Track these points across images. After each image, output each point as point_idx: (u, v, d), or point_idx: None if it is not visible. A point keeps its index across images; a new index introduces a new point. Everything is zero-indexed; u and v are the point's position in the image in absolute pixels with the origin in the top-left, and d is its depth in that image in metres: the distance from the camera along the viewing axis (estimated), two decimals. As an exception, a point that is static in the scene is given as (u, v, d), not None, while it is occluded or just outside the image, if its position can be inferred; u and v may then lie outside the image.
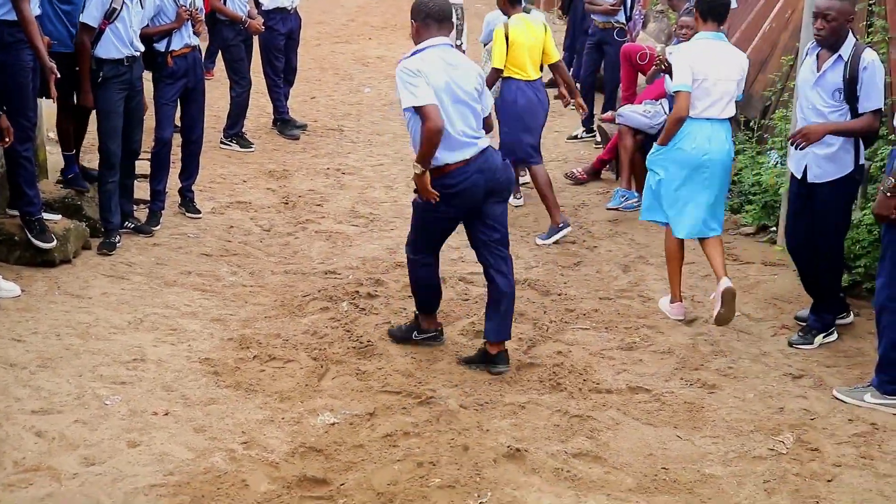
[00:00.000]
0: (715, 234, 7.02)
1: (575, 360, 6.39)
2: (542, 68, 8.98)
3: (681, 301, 7.15)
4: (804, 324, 6.82)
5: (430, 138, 5.70)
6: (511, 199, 7.89)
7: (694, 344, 6.69)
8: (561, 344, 6.64)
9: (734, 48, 7.21)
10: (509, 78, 8.76)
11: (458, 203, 6.02)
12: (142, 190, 8.68)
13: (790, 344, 6.68)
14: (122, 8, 7.73)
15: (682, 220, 7.02)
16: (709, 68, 6.84)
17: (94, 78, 7.79)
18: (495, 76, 8.72)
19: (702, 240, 7.06)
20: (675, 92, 6.92)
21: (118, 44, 7.77)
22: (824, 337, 6.70)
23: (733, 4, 10.77)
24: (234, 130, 11.12)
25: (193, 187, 9.00)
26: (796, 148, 6.38)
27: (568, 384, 6.04)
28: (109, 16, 7.69)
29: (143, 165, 8.69)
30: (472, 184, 5.95)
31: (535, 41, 8.73)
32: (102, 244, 7.91)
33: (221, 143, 11.06)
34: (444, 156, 5.87)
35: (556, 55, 9.05)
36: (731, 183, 8.30)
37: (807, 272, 6.80)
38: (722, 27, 7.11)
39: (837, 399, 5.94)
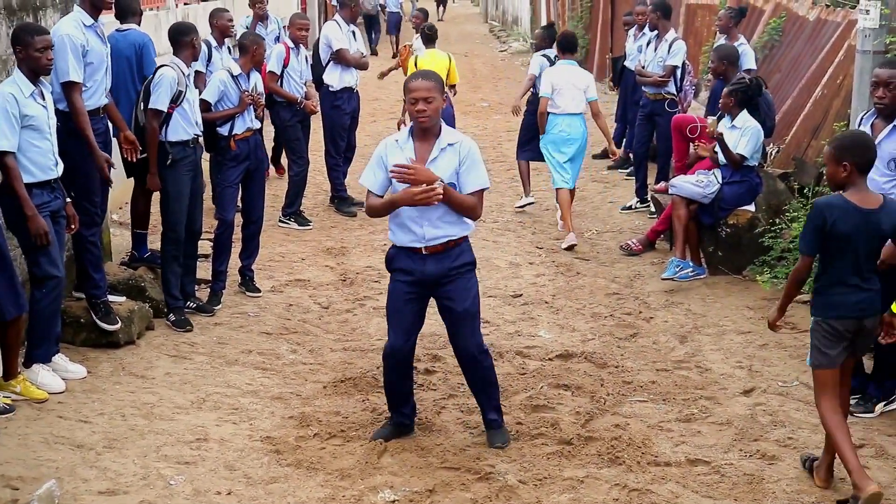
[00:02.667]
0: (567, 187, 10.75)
1: (633, 432, 6.38)
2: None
3: (571, 231, 10.46)
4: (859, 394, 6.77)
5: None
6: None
7: (752, 415, 6.66)
8: (619, 417, 6.65)
9: (581, 69, 11.08)
10: None
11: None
12: (203, 270, 8.85)
13: (850, 413, 6.62)
14: (186, 90, 8.00)
15: (566, 176, 10.75)
16: (563, 82, 10.65)
17: (163, 161, 8.01)
18: None
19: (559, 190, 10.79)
20: (541, 97, 10.72)
21: (185, 125, 8.03)
22: (885, 405, 6.65)
23: (752, 65, 10.92)
24: (292, 209, 11.32)
25: (253, 266, 9.16)
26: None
27: (626, 457, 6.04)
28: (176, 99, 7.95)
29: (203, 245, 8.88)
30: None
31: (438, 68, 11.47)
32: (177, 322, 8.11)
33: (280, 221, 11.26)
34: None
35: (456, 79, 12.75)
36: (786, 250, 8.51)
37: None
38: (574, 55, 11.15)
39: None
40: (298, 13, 12.48)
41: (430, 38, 12.72)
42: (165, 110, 7.96)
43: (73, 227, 7.05)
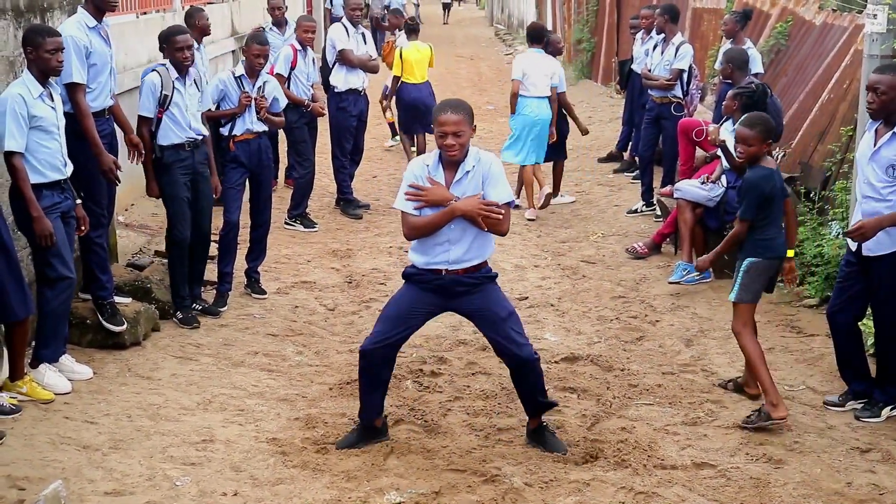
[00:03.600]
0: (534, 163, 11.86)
1: (639, 436, 6.38)
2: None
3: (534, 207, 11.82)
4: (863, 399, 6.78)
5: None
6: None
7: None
8: (625, 420, 6.65)
9: (548, 56, 11.94)
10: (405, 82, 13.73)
11: None
12: (209, 271, 8.85)
13: (856, 417, 6.63)
14: (173, 94, 7.92)
15: (530, 156, 11.78)
16: (532, 69, 11.70)
17: (158, 165, 8.01)
18: (396, 81, 13.84)
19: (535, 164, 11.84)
20: (513, 80, 11.75)
21: (176, 129, 7.97)
22: (891, 409, 6.64)
23: (759, 69, 10.94)
24: (297, 211, 11.33)
25: (259, 269, 9.17)
26: (853, 240, 6.52)
27: (633, 461, 6.04)
28: (163, 103, 7.92)
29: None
30: None
31: (422, 57, 13.74)
32: (184, 320, 8.14)
33: (286, 223, 11.27)
34: None
35: (433, 64, 14.21)
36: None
37: (840, 343, 6.79)
38: (540, 45, 11.94)
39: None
40: (304, 15, 12.46)
41: (412, 29, 14.25)
42: (152, 116, 7.94)
43: (83, 228, 7.06)
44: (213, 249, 8.92)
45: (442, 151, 5.85)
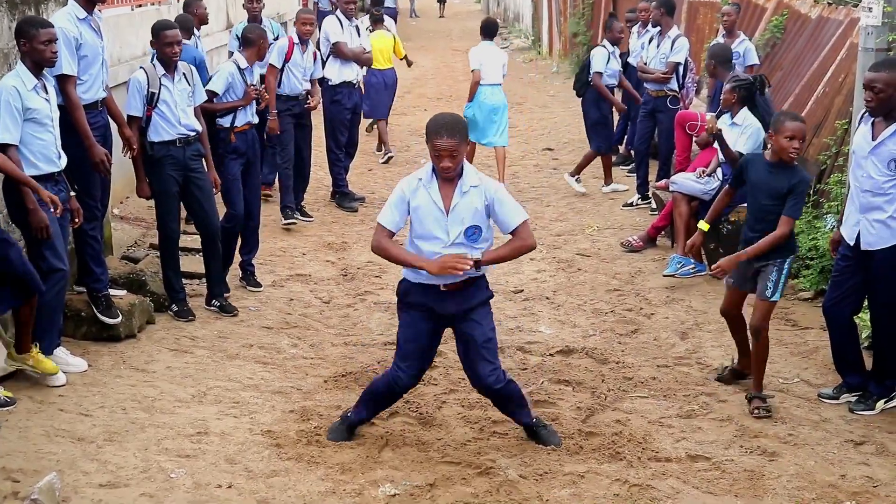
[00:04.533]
0: (502, 145, 12.95)
1: (634, 428, 6.39)
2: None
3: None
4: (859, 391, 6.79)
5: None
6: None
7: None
8: (619, 412, 6.65)
9: (499, 48, 13.16)
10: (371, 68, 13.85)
11: None
12: (197, 263, 8.84)
13: (851, 410, 6.64)
14: (160, 91, 7.88)
15: (488, 138, 12.79)
16: (487, 59, 12.75)
17: (148, 161, 7.99)
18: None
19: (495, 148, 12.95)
20: (473, 70, 12.70)
21: (166, 126, 7.92)
22: (885, 402, 6.66)
23: (755, 61, 10.95)
24: (287, 202, 11.13)
25: (253, 261, 9.16)
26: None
27: (627, 453, 6.04)
28: (150, 100, 7.88)
29: (196, 240, 8.87)
30: None
31: (385, 46, 14.35)
32: (179, 313, 8.16)
33: (283, 225, 11.06)
34: None
35: (402, 53, 15.13)
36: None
37: (835, 336, 6.80)
38: (492, 39, 12.96)
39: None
40: (303, 8, 12.25)
41: (377, 20, 15.05)
42: (139, 115, 7.90)
43: (76, 220, 7.05)
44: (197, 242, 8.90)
45: (437, 170, 5.76)
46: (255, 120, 8.96)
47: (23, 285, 6.37)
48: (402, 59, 15.48)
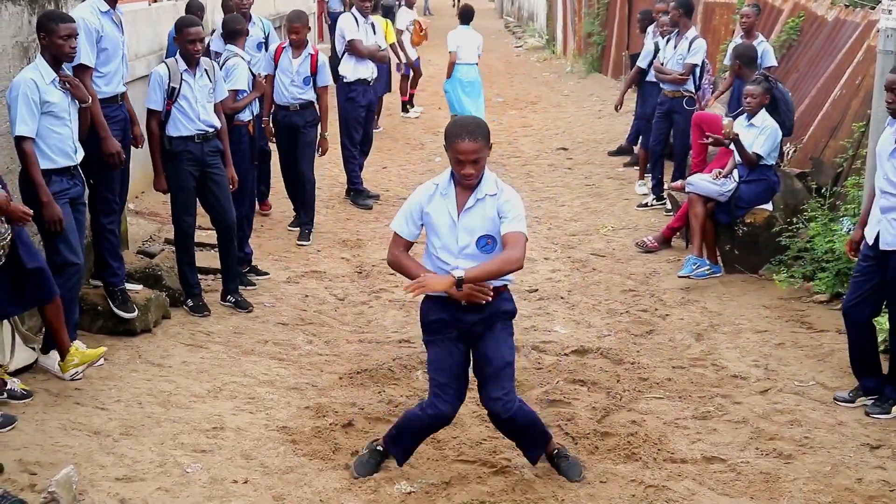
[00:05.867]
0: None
1: (649, 429, 6.38)
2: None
3: None
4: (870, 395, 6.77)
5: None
6: None
7: (768, 413, 6.65)
8: (635, 413, 6.64)
9: (475, 31, 15.02)
10: None
11: None
12: (213, 258, 8.85)
13: (867, 413, 6.62)
14: (181, 86, 7.91)
15: (466, 110, 14.30)
16: (464, 41, 14.75)
17: (166, 155, 8.03)
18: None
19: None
20: (450, 52, 14.63)
21: (185, 121, 7.95)
22: (902, 406, 6.64)
23: (773, 63, 10.94)
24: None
25: (268, 257, 9.21)
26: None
27: (643, 454, 6.04)
28: (171, 95, 7.91)
29: (211, 236, 8.88)
30: None
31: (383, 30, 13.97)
32: (195, 308, 8.17)
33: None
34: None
35: (392, 38, 15.63)
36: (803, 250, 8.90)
37: (853, 337, 6.77)
38: (468, 24, 14.87)
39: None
40: (294, 11, 10.69)
41: (387, 10, 16.25)
42: (159, 109, 7.93)
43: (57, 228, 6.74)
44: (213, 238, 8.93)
45: (458, 177, 5.37)
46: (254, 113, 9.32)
47: (39, 283, 6.36)
48: (389, 45, 14.54)
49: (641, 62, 12.90)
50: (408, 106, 18.12)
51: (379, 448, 5.81)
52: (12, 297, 6.29)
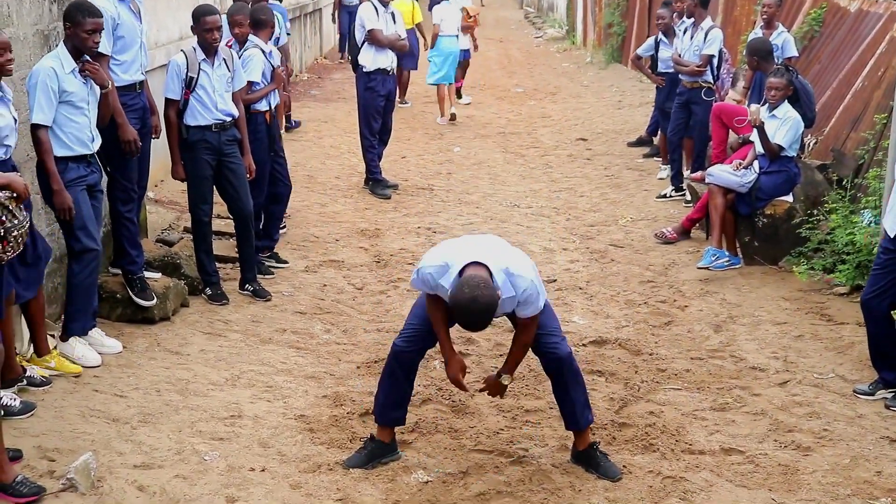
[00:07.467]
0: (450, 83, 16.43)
1: (667, 420, 6.36)
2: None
3: (444, 116, 16.41)
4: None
5: None
6: None
7: (787, 405, 6.63)
8: (653, 404, 6.63)
9: (456, 7, 16.62)
10: None
11: None
12: (230, 248, 8.87)
13: (887, 406, 6.59)
14: (199, 75, 7.91)
15: (444, 78, 16.28)
16: (446, 15, 16.30)
17: (183, 144, 8.03)
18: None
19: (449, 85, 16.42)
20: (434, 24, 16.31)
21: (202, 110, 7.95)
22: (922, 400, 6.60)
23: (794, 53, 10.91)
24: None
25: (287, 246, 9.22)
26: None
27: (660, 445, 6.02)
28: (189, 84, 7.91)
29: (229, 225, 8.89)
30: None
31: (405, 10, 15.74)
32: (213, 296, 8.18)
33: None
34: None
35: (419, 18, 17.04)
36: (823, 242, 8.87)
37: (872, 329, 6.72)
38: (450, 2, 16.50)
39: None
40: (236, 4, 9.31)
41: None
42: (177, 98, 7.94)
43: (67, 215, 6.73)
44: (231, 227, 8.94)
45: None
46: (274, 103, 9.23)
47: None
48: (415, 26, 16.83)
49: (641, 51, 13.16)
50: (461, 91, 18.33)
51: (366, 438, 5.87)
52: (26, 283, 6.28)
